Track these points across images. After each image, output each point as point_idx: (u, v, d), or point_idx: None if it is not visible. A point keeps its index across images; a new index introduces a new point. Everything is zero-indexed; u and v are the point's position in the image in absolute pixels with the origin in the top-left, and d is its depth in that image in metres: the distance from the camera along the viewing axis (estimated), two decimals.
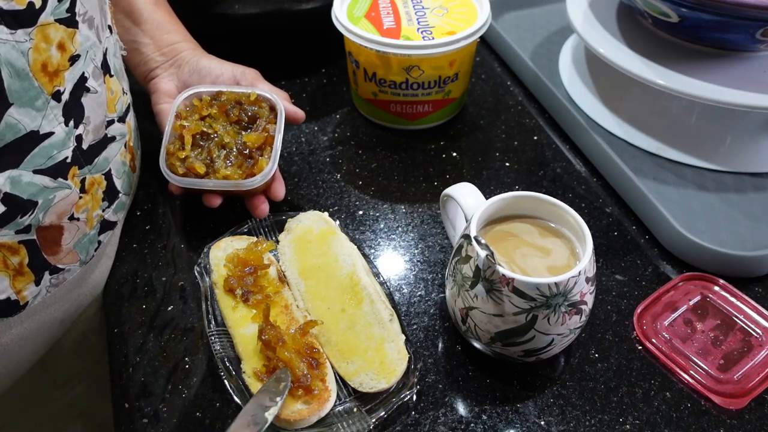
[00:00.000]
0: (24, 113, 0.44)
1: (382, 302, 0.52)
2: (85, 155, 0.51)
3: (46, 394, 0.66)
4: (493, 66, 0.83)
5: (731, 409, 0.49)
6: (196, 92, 0.61)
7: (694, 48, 0.63)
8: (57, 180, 0.48)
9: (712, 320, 0.54)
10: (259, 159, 0.58)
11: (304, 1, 0.76)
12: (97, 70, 0.51)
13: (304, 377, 0.46)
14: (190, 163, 0.57)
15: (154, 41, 0.64)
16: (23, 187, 0.46)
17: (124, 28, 0.63)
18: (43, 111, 0.45)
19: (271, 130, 0.59)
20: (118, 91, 0.55)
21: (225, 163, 0.58)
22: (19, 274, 0.49)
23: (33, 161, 0.46)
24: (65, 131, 0.47)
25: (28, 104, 0.44)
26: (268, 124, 0.59)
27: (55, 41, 0.45)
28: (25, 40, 0.42)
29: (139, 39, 0.64)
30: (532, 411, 0.49)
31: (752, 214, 0.59)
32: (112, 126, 0.54)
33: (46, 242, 0.50)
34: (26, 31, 0.42)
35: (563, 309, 0.44)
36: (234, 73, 0.63)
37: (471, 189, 0.51)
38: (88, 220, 0.53)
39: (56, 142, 0.47)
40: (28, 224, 0.48)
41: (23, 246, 0.48)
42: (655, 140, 0.65)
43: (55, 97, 0.46)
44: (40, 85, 0.44)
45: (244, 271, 0.53)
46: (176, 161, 0.57)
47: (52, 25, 0.44)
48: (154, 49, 0.64)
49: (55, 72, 0.45)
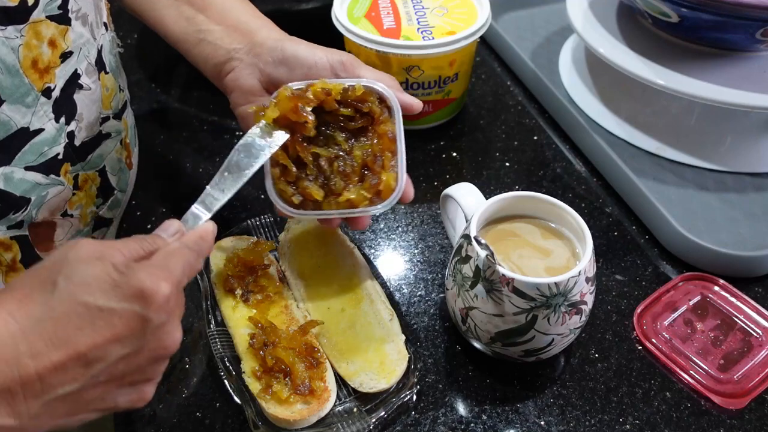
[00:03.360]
0: (15, 110, 0.44)
1: (382, 302, 0.52)
2: (78, 152, 0.50)
3: None
4: (493, 66, 0.83)
5: (731, 409, 0.49)
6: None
7: (694, 48, 0.63)
8: (49, 176, 0.48)
9: (712, 320, 0.54)
10: (382, 174, 0.48)
11: (304, 1, 0.76)
12: (91, 67, 0.50)
13: (303, 385, 0.46)
14: (304, 188, 0.48)
15: (224, 26, 0.53)
16: (15, 184, 0.46)
17: (187, 19, 0.54)
18: (33, 108, 0.45)
19: (389, 132, 0.48)
20: (114, 88, 0.55)
21: (343, 182, 0.48)
22: (11, 270, 0.49)
23: (24, 158, 0.46)
24: (56, 128, 0.47)
25: (18, 101, 0.44)
26: (380, 124, 0.48)
27: (46, 38, 0.45)
28: (16, 36, 0.42)
29: (205, 27, 0.53)
30: (532, 411, 0.49)
31: (752, 214, 0.59)
32: (107, 123, 0.54)
33: (39, 238, 0.50)
34: (17, 27, 0.42)
35: (563, 309, 0.44)
36: (330, 61, 0.50)
37: (471, 189, 0.51)
38: (82, 217, 0.53)
39: (47, 138, 0.47)
40: (21, 220, 0.48)
41: (15, 242, 0.48)
42: (655, 140, 0.65)
43: (45, 93, 0.46)
44: (30, 81, 0.44)
45: (244, 271, 0.53)
46: (285, 186, 0.48)
47: (44, 21, 0.44)
48: (224, 35, 0.53)
49: (45, 69, 0.45)
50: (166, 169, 0.70)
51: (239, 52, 0.52)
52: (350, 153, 0.48)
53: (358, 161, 0.48)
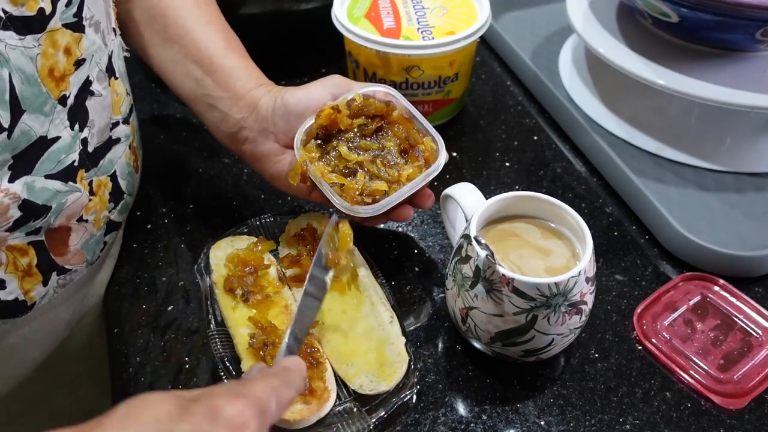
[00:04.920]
0: (34, 119, 0.44)
1: (382, 304, 0.52)
2: (91, 158, 0.51)
3: (51, 394, 0.66)
4: (493, 66, 0.83)
5: (731, 409, 0.49)
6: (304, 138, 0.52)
7: (694, 48, 0.63)
8: (68, 184, 0.48)
9: (712, 320, 0.54)
10: (419, 145, 0.52)
11: (304, 1, 0.76)
12: (102, 74, 0.51)
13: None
14: (367, 188, 0.51)
15: (230, 94, 0.54)
16: (37, 193, 0.46)
17: (195, 80, 0.55)
18: (51, 116, 0.45)
19: (404, 113, 0.53)
20: (123, 93, 0.55)
21: (395, 170, 0.51)
22: (27, 275, 0.49)
23: (43, 166, 0.46)
24: (71, 135, 0.47)
25: (38, 110, 0.44)
26: (391, 113, 0.52)
27: (62, 46, 0.45)
28: (34, 45, 0.42)
29: (214, 93, 0.55)
30: (532, 411, 0.49)
31: (752, 214, 0.59)
32: (117, 128, 0.54)
33: (54, 243, 0.50)
34: (35, 36, 0.42)
35: (563, 309, 0.44)
36: (326, 88, 0.53)
37: (471, 189, 0.51)
38: (96, 222, 0.53)
39: (63, 146, 0.47)
40: (39, 227, 0.48)
41: (32, 247, 0.48)
42: (655, 140, 0.65)
43: (61, 101, 0.46)
44: (48, 90, 0.44)
45: (244, 271, 0.53)
46: (352, 197, 0.50)
47: (60, 30, 0.44)
48: (232, 104, 0.54)
49: (61, 76, 0.45)
50: (167, 169, 0.70)
51: (247, 121, 0.54)
52: (384, 149, 0.52)
53: (396, 149, 0.52)
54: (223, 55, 0.55)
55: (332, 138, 0.52)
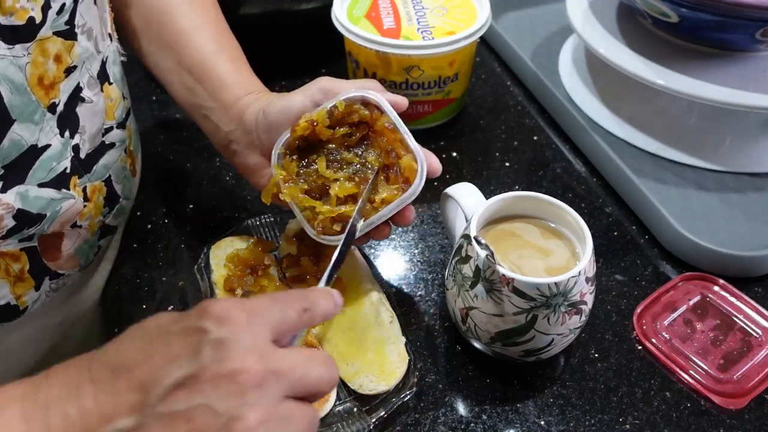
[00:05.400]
0: (24, 128, 0.43)
1: (382, 304, 0.52)
2: (84, 164, 0.50)
3: None
4: (493, 66, 0.83)
5: (731, 409, 0.49)
6: (280, 160, 0.50)
7: (694, 48, 0.63)
8: (61, 191, 0.48)
9: (712, 320, 0.54)
10: (400, 162, 0.48)
11: (304, 1, 0.76)
12: (93, 80, 0.50)
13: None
14: (339, 213, 0.48)
15: (220, 104, 0.53)
16: (31, 202, 0.46)
17: (188, 90, 0.55)
18: (41, 124, 0.45)
19: (387, 124, 0.48)
20: (118, 98, 0.54)
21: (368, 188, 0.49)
22: (19, 280, 0.49)
23: (36, 175, 0.46)
24: (61, 142, 0.47)
25: (27, 119, 0.43)
26: (376, 122, 0.49)
27: (52, 54, 0.44)
28: (23, 54, 0.42)
29: (206, 104, 0.54)
30: (532, 411, 0.49)
31: (752, 214, 0.59)
32: (110, 133, 0.53)
33: (47, 248, 0.50)
34: (24, 45, 0.42)
35: (563, 309, 0.44)
36: (307, 96, 0.50)
37: (471, 189, 0.51)
38: (90, 227, 0.53)
39: (54, 154, 0.47)
40: (32, 233, 0.48)
41: (24, 253, 0.48)
42: (655, 140, 0.65)
43: (50, 109, 0.45)
44: (37, 98, 0.44)
45: (244, 271, 0.53)
46: (322, 223, 0.49)
47: (51, 38, 0.44)
48: (222, 115, 0.53)
49: (51, 84, 0.45)
50: (166, 169, 0.70)
51: (235, 134, 0.53)
52: (365, 164, 0.49)
53: (377, 164, 0.49)
54: (213, 60, 0.54)
55: (314, 149, 0.50)
